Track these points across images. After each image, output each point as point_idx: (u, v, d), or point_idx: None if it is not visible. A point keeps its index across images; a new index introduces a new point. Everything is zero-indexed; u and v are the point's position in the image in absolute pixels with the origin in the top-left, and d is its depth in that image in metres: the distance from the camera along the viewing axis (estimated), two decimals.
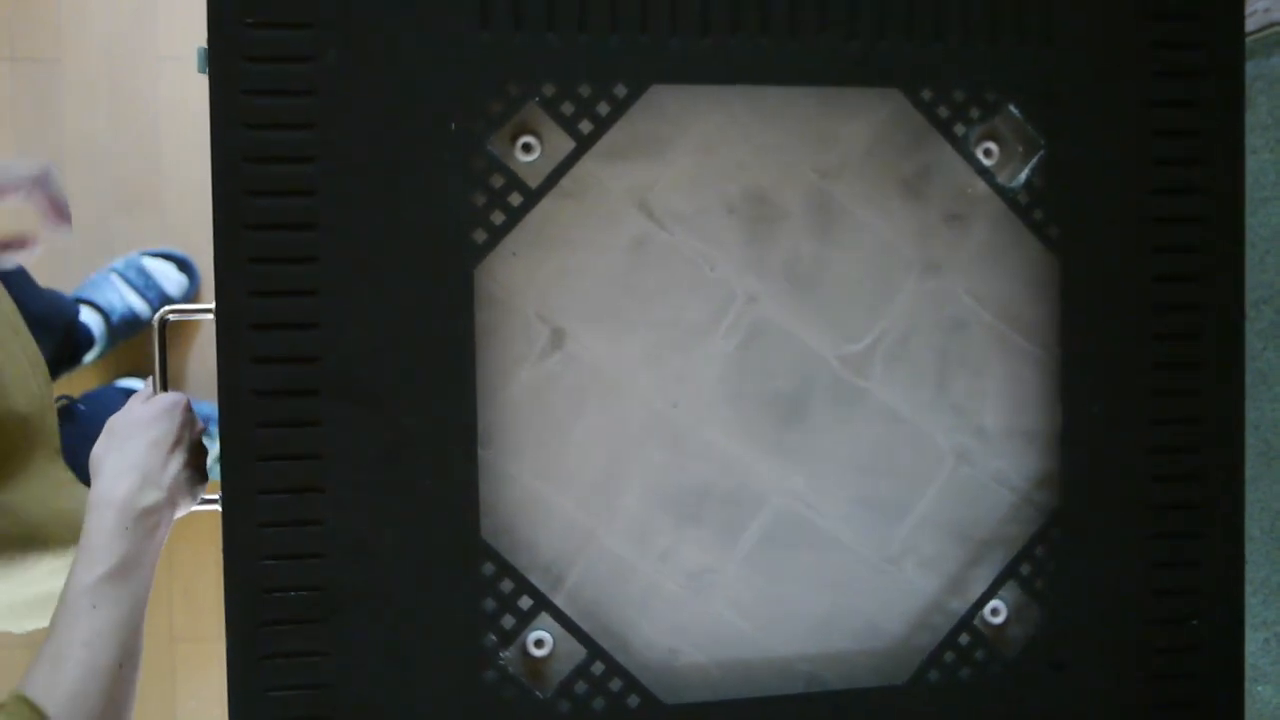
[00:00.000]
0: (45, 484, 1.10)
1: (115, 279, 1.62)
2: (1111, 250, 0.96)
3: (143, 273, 1.62)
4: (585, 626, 0.91)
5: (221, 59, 0.84)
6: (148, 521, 0.89)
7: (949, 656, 0.96)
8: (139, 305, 1.63)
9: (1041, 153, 0.95)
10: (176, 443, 0.92)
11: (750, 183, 0.94)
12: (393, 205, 0.86)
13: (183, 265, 1.68)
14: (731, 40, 0.91)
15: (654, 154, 0.92)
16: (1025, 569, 0.97)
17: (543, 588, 0.90)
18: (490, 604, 0.89)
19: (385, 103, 0.86)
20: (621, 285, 0.92)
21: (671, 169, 0.93)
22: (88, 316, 1.59)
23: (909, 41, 0.93)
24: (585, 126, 0.90)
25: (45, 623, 0.91)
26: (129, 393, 1.61)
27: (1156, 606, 0.97)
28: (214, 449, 1.46)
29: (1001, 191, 0.95)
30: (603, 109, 0.90)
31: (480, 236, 0.88)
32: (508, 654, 0.89)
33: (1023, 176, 0.95)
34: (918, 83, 0.94)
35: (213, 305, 0.89)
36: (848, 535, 0.96)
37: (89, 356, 1.60)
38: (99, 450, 0.92)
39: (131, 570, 0.89)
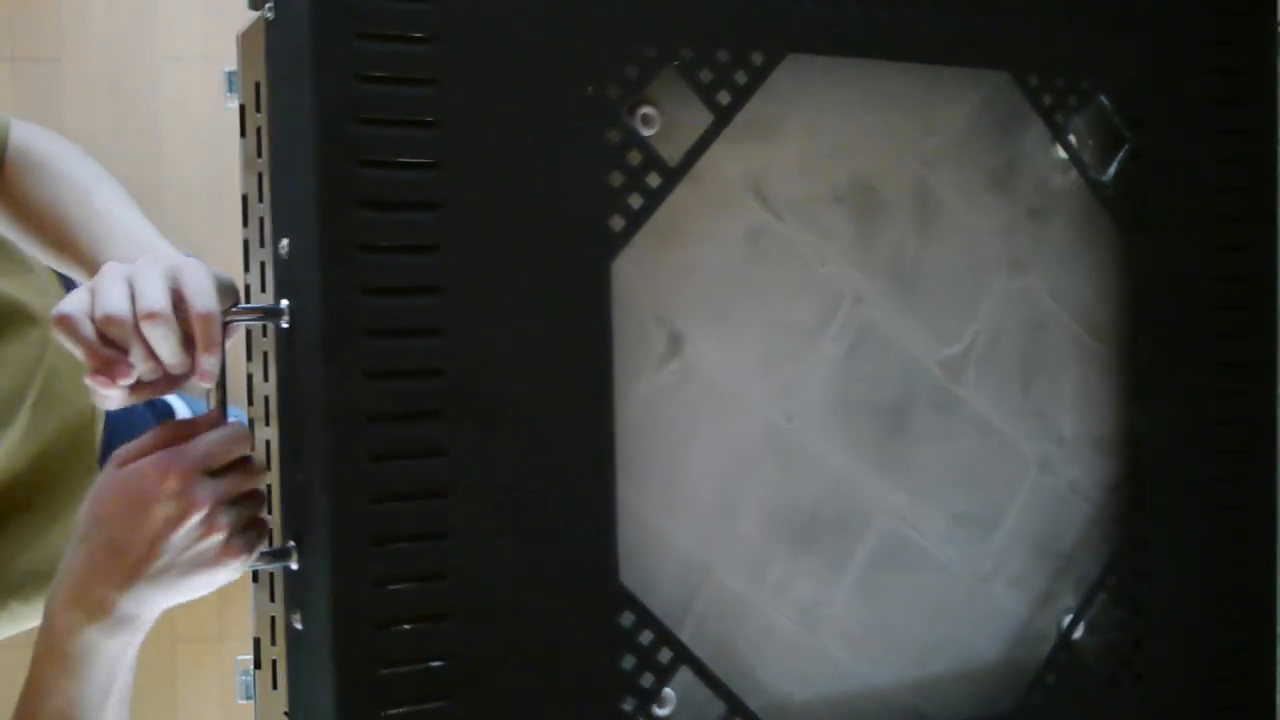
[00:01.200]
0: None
1: None
2: (1185, 248, 0.94)
3: None
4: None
5: None
6: (110, 647, 0.70)
7: (1050, 678, 0.90)
8: None
9: (1127, 146, 0.91)
10: (180, 517, 0.67)
11: (856, 169, 0.84)
12: (523, 185, 0.71)
13: None
14: (869, 11, 0.81)
15: (766, 134, 0.81)
16: (1110, 580, 0.93)
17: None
18: (629, 661, 0.75)
19: (514, 55, 0.70)
20: (738, 282, 0.81)
21: (783, 151, 0.82)
22: None
23: (1025, 21, 0.87)
24: (724, 98, 0.77)
25: None
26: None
27: (1219, 608, 0.96)
28: None
29: (1095, 185, 0.91)
30: (740, 78, 0.78)
31: (617, 224, 0.74)
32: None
33: (1112, 169, 0.91)
34: (1026, 66, 0.88)
35: (284, 304, 0.69)
36: (946, 555, 0.88)
37: None
38: (84, 511, 0.69)
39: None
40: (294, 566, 0.70)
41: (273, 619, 0.76)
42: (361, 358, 0.66)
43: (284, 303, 0.69)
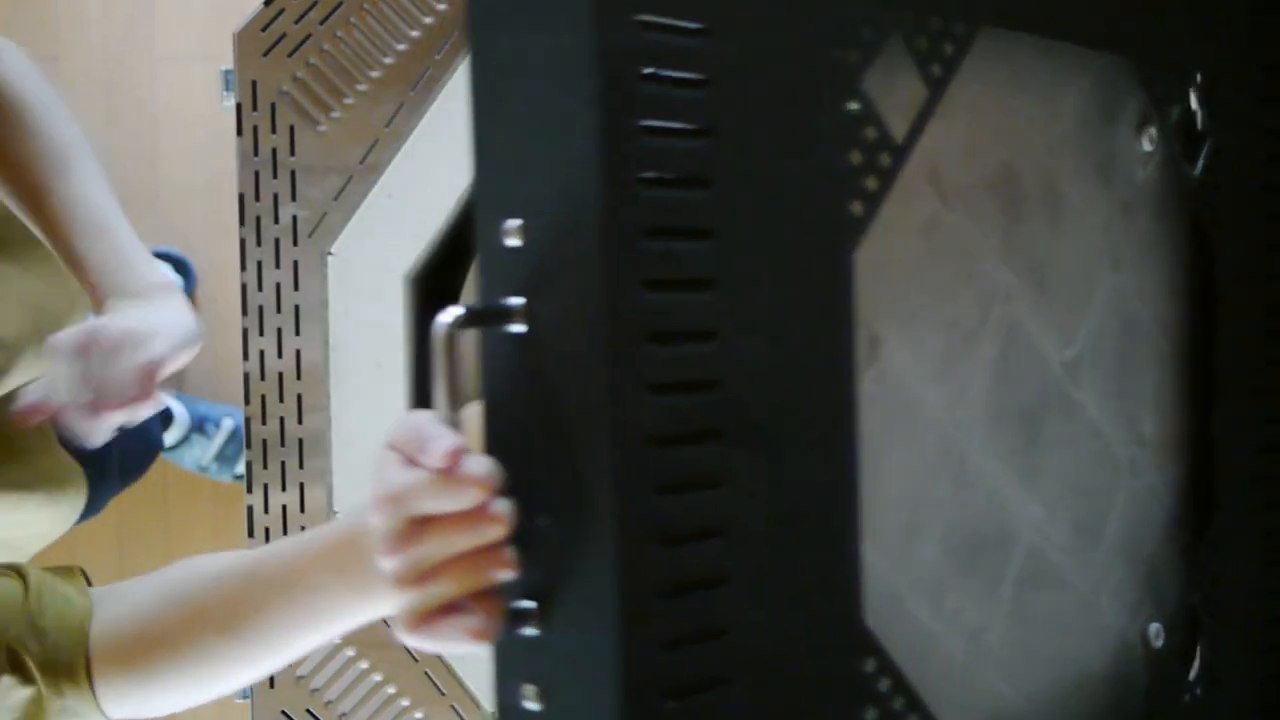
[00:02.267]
0: None
1: None
2: (1250, 246, 0.93)
3: None
4: None
5: None
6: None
7: (1159, 693, 0.87)
8: None
9: (1209, 142, 0.90)
10: (381, 554, 0.56)
11: (1005, 154, 0.78)
12: (782, 161, 0.60)
13: (179, 265, 1.57)
14: None
15: (941, 113, 0.73)
16: (1190, 586, 0.91)
17: None
18: (871, 713, 0.65)
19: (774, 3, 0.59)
20: (920, 278, 0.72)
21: (953, 133, 0.74)
22: None
23: (1146, 5, 0.83)
24: (936, 70, 0.69)
25: None
26: None
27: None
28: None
29: (1184, 181, 0.89)
30: (947, 49, 0.69)
31: (857, 209, 0.64)
32: None
33: (1200, 164, 0.89)
34: (1145, 52, 0.84)
35: (518, 302, 0.55)
36: (1068, 568, 0.83)
37: None
38: None
39: None
40: (532, 633, 0.56)
41: None
42: (646, 367, 0.53)
43: (516, 300, 0.55)
